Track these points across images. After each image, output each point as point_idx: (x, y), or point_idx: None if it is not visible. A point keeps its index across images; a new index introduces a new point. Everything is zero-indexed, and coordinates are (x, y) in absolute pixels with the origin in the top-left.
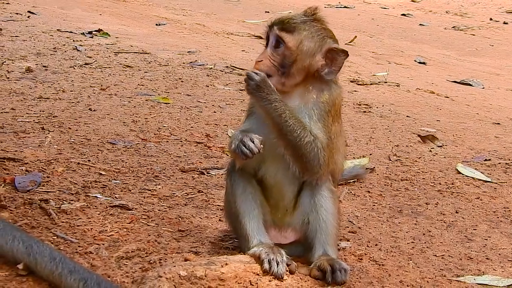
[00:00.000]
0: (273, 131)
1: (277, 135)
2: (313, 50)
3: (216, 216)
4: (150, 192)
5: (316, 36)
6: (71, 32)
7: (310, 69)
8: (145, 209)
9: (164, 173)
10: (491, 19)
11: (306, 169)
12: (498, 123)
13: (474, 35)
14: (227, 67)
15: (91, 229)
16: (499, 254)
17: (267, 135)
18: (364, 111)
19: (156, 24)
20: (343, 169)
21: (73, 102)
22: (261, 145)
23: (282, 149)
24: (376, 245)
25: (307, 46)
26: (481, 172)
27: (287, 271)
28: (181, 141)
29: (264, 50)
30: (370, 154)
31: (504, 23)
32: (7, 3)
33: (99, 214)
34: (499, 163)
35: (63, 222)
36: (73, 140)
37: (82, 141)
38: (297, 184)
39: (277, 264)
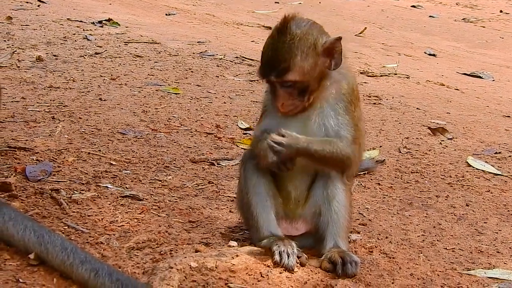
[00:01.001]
0: (311, 162)
1: (315, 163)
2: (314, 62)
3: (227, 207)
4: (160, 182)
5: (308, 49)
6: (81, 21)
7: (321, 75)
8: (155, 199)
9: (174, 163)
10: (501, 11)
11: (344, 169)
12: (508, 116)
13: (484, 27)
14: (237, 57)
15: (102, 219)
16: (510, 248)
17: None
18: (374, 103)
19: (166, 14)
20: (361, 160)
21: (83, 92)
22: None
23: (318, 167)
24: (386, 237)
25: (308, 65)
26: (492, 165)
27: (297, 263)
28: (191, 132)
29: (278, 95)
30: (380, 146)
31: None
32: None
33: (109, 204)
34: (510, 156)
35: (74, 212)
36: (83, 130)
37: (92, 131)
38: (310, 176)
39: (288, 256)
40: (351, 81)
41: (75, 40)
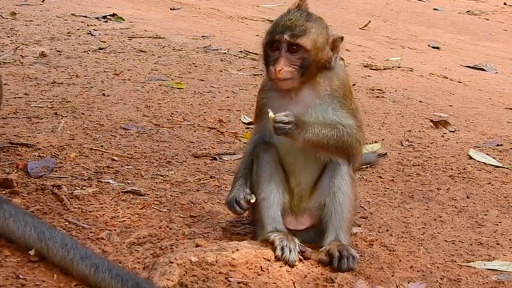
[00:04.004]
0: (314, 148)
1: (319, 149)
2: (323, 45)
3: None
4: (162, 177)
5: (322, 30)
6: (85, 16)
7: (322, 63)
8: (157, 194)
9: (176, 158)
10: (505, 3)
11: (349, 156)
12: (511, 108)
13: (488, 19)
14: (241, 52)
15: (103, 215)
16: (510, 240)
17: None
18: (377, 96)
19: (171, 9)
20: (361, 153)
21: (86, 87)
22: (251, 202)
23: (324, 153)
24: (387, 230)
25: (319, 43)
26: (493, 158)
27: (302, 256)
28: (194, 127)
29: (279, 57)
30: (382, 139)
31: None
32: None
33: (111, 200)
34: (511, 148)
35: (75, 208)
36: (86, 126)
37: (95, 127)
38: (317, 170)
39: (290, 251)
40: (341, 76)
41: (79, 36)
